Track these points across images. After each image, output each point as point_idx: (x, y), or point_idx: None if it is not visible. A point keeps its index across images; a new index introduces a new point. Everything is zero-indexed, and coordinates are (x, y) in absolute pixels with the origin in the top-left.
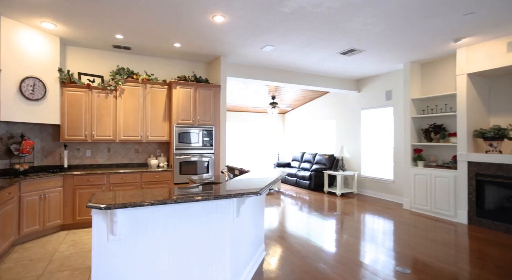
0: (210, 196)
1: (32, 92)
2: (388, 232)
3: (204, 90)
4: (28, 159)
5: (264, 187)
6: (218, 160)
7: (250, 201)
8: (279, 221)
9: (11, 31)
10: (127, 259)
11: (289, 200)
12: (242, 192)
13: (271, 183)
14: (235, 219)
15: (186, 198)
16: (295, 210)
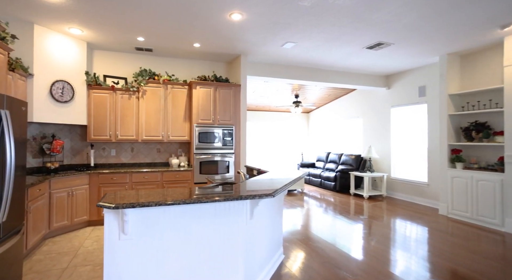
0: (220, 197)
1: (61, 95)
2: (422, 239)
3: (224, 90)
4: (59, 158)
5: (278, 188)
6: (239, 160)
7: (266, 202)
8: (301, 223)
9: (43, 37)
10: (138, 259)
11: (312, 201)
12: (254, 194)
13: (288, 185)
14: (248, 221)
15: (195, 200)
16: (318, 212)
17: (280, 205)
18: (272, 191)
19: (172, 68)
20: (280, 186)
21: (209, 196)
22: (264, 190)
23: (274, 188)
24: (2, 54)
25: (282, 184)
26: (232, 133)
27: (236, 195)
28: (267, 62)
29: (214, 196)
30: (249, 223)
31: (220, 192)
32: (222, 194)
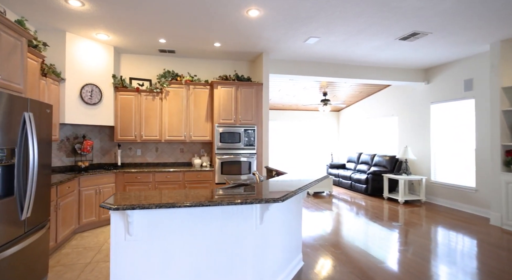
0: (224, 201)
1: (90, 97)
2: (469, 254)
3: (246, 89)
4: (89, 157)
5: (288, 193)
6: (261, 161)
7: (279, 206)
8: (327, 228)
9: (74, 44)
10: (144, 260)
11: (341, 204)
12: (260, 198)
13: (303, 188)
14: (258, 226)
15: (197, 203)
16: (347, 216)
17: (298, 208)
18: (282, 195)
19: (195, 68)
20: (292, 189)
21: (216, 199)
22: (276, 193)
23: (285, 192)
24: (35, 61)
25: (295, 187)
26: (254, 133)
27: (242, 199)
28: (290, 59)
29: (221, 199)
30: (259, 228)
31: (230, 194)
32: (228, 197)
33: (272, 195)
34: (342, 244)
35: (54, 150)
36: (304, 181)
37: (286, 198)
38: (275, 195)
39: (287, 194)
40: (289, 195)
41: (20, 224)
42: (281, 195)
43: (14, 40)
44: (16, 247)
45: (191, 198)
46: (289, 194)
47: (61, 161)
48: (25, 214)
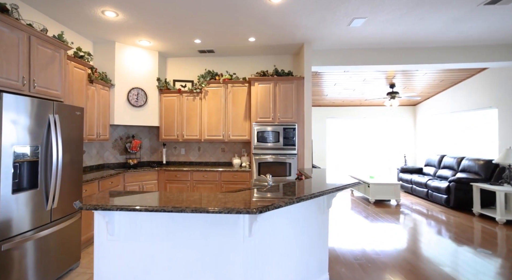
0: (189, 208)
1: (136, 100)
2: None
3: (285, 84)
4: (138, 155)
5: (274, 203)
6: (302, 162)
7: (278, 216)
8: (384, 244)
9: (121, 52)
10: (124, 260)
11: (411, 217)
12: (229, 208)
13: (303, 197)
14: (246, 239)
15: (163, 208)
16: (418, 232)
17: (320, 219)
18: (262, 205)
19: (235, 66)
20: (281, 198)
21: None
22: (263, 201)
23: (269, 202)
24: (83, 70)
25: (294, 195)
26: (294, 132)
27: (214, 206)
28: (338, 48)
29: (192, 205)
30: (248, 240)
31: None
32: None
33: (255, 204)
34: (407, 267)
35: (109, 148)
36: (322, 186)
37: (266, 209)
38: (256, 204)
39: (269, 205)
40: (274, 205)
41: (45, 213)
42: (263, 204)
43: (52, 52)
44: (43, 233)
45: (185, 201)
46: (275, 205)
47: (115, 158)
48: (50, 205)
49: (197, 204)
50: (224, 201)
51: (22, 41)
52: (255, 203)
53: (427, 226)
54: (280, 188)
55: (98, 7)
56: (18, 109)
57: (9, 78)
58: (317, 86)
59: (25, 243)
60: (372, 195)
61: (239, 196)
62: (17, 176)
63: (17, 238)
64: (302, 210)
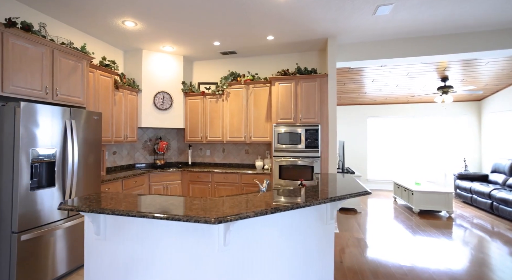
0: (150, 214)
1: (162, 103)
2: None
3: (307, 83)
4: (166, 156)
5: (241, 213)
6: (326, 165)
7: (263, 226)
8: (429, 261)
9: (148, 58)
10: (109, 259)
11: (468, 232)
12: (186, 217)
13: (280, 207)
14: (222, 248)
15: (132, 212)
16: (477, 252)
17: (321, 232)
18: (219, 217)
19: (257, 66)
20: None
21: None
22: (232, 209)
23: (235, 214)
24: (109, 77)
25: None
26: (317, 133)
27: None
28: (369, 40)
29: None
30: (224, 249)
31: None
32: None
33: (223, 212)
34: None
35: (140, 149)
36: (321, 194)
37: (226, 220)
38: (223, 213)
39: (232, 215)
40: (240, 216)
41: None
42: (228, 214)
43: (74, 63)
44: (60, 227)
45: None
46: (241, 215)
47: (145, 159)
48: None
49: (172, 210)
50: (195, 207)
51: (45, 55)
52: (225, 211)
53: (494, 246)
54: (274, 195)
55: (118, 18)
56: (36, 116)
57: (33, 88)
58: (352, 83)
59: (42, 235)
60: (416, 205)
61: (215, 203)
62: (37, 175)
63: (35, 231)
64: (296, 220)
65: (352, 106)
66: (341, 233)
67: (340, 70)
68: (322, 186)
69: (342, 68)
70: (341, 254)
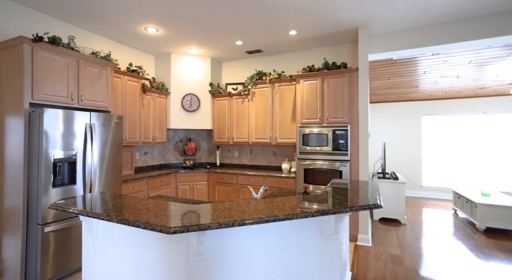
0: (114, 219)
1: (190, 105)
2: None
3: (335, 79)
4: (196, 156)
5: (181, 227)
6: (356, 169)
7: (245, 238)
8: None
9: (176, 62)
10: (100, 257)
11: None
12: (144, 224)
13: (246, 220)
14: (194, 258)
15: (102, 215)
16: None
17: (326, 248)
18: (176, 226)
19: (284, 64)
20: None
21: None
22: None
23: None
24: (136, 82)
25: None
26: (346, 134)
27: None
28: (409, 26)
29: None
30: (196, 260)
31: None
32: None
33: (189, 222)
34: None
35: (171, 150)
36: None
37: (183, 230)
38: (179, 223)
39: (189, 225)
40: (199, 226)
41: None
42: (186, 225)
43: (99, 70)
44: (79, 222)
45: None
46: (200, 226)
47: (176, 159)
48: None
49: (146, 214)
50: (164, 214)
51: (71, 64)
52: (191, 220)
53: None
54: (258, 205)
55: (140, 25)
56: (58, 120)
57: (60, 95)
58: (399, 76)
59: (63, 228)
60: (481, 221)
61: (192, 209)
62: (61, 173)
63: (57, 223)
64: (288, 234)
65: (402, 103)
66: (374, 248)
67: (380, 63)
68: (321, 196)
69: (382, 61)
70: (365, 272)
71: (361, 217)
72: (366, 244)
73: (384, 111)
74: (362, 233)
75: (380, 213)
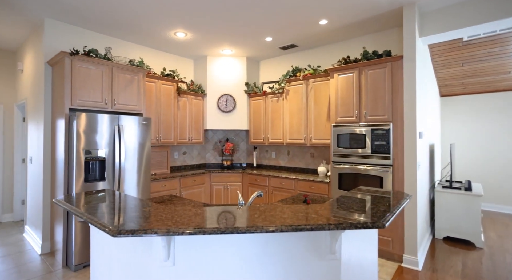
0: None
1: (225, 106)
2: None
3: (373, 70)
4: (234, 157)
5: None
6: (401, 176)
7: (224, 247)
8: None
9: (212, 64)
10: (103, 252)
11: None
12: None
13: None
14: (165, 264)
15: (84, 214)
16: None
17: (321, 270)
18: (121, 228)
19: (320, 58)
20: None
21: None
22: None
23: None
24: (171, 85)
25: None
26: (388, 134)
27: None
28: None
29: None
30: (169, 268)
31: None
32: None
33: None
34: None
35: (210, 150)
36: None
37: (128, 234)
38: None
39: (139, 229)
40: (146, 231)
41: None
42: (129, 229)
43: (131, 76)
44: None
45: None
46: (150, 230)
47: (215, 159)
48: None
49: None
50: (132, 215)
51: (105, 73)
52: (142, 224)
53: None
54: (238, 215)
55: (170, 31)
56: (89, 122)
57: (95, 100)
58: (478, 61)
59: None
60: None
61: (157, 211)
62: (93, 170)
63: None
64: (273, 248)
65: (488, 95)
66: (424, 273)
67: (445, 47)
68: (322, 207)
69: (447, 43)
70: None
71: (407, 232)
72: (413, 267)
73: (461, 106)
74: (409, 254)
75: (445, 230)
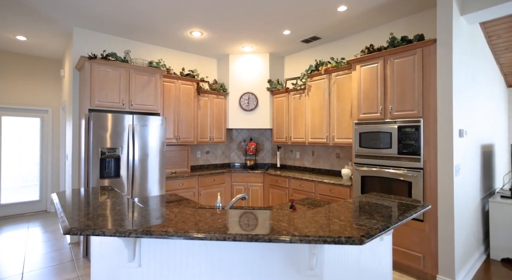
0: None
1: (248, 104)
2: None
3: (400, 59)
4: (260, 156)
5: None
6: (433, 180)
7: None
8: None
9: (234, 62)
10: (100, 248)
11: None
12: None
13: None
14: (131, 266)
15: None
16: None
17: None
18: (82, 227)
19: (344, 50)
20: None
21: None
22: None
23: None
24: (190, 85)
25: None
26: (418, 132)
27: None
28: None
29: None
30: (135, 270)
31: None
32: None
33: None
34: None
35: (235, 150)
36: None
37: (73, 232)
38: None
39: (88, 229)
40: (95, 231)
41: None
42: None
43: (148, 77)
44: None
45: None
46: (95, 230)
47: (239, 159)
48: (130, 191)
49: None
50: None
51: (122, 75)
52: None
53: None
54: (203, 216)
55: (186, 30)
56: (105, 122)
57: (113, 101)
58: None
59: None
60: None
61: (122, 212)
62: (109, 167)
63: None
64: (247, 258)
65: None
66: None
67: (505, 24)
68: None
69: (507, 20)
70: None
71: (442, 249)
72: None
73: None
74: (445, 275)
75: (504, 250)
